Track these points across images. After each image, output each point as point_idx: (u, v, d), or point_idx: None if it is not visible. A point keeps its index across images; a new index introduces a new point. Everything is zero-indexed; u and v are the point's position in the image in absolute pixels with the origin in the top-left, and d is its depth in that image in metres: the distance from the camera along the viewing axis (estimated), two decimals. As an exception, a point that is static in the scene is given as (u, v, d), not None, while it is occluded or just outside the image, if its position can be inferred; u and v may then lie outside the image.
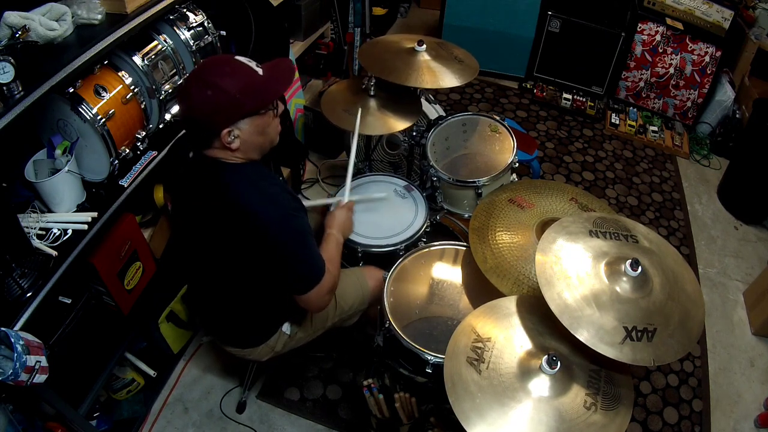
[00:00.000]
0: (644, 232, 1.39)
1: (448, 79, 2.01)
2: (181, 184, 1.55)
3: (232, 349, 1.73)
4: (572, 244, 1.33)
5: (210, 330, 1.87)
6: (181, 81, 1.77)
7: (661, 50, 3.42)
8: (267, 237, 1.36)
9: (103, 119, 1.52)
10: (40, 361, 1.26)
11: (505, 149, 2.12)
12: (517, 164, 2.05)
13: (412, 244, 1.90)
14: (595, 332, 1.17)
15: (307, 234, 1.43)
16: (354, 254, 1.91)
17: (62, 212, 1.56)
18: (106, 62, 1.58)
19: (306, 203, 1.99)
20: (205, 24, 1.85)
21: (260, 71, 1.35)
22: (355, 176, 2.15)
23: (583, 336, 1.17)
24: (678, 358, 1.20)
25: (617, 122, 3.60)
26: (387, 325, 1.59)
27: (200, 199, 1.45)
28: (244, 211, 1.35)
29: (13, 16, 1.32)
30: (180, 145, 1.84)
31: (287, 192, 1.49)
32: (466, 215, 2.04)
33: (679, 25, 3.30)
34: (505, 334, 1.31)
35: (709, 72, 3.39)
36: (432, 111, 2.50)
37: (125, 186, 1.66)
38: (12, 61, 1.20)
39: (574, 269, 1.27)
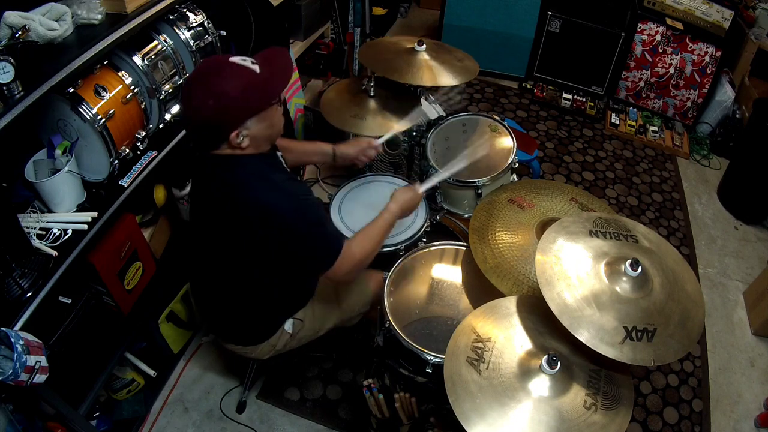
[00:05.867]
0: (644, 232, 1.39)
1: (448, 78, 2.01)
2: (196, 182, 1.55)
3: (234, 346, 1.73)
4: (572, 244, 1.33)
5: (212, 327, 1.87)
6: (182, 84, 1.75)
7: (661, 50, 3.42)
8: (284, 227, 1.37)
9: (103, 119, 1.52)
10: (40, 361, 1.26)
11: (505, 149, 2.12)
12: (517, 164, 2.05)
13: (412, 244, 1.90)
14: (595, 332, 1.17)
15: (320, 217, 1.45)
16: (354, 254, 1.91)
17: (62, 212, 1.56)
18: (106, 62, 1.58)
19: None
20: (205, 24, 1.85)
21: (257, 69, 1.33)
22: (356, 177, 2.15)
23: (583, 336, 1.17)
24: (678, 358, 1.20)
25: (617, 122, 3.60)
26: (387, 325, 1.59)
27: (211, 195, 1.46)
28: (258, 205, 1.36)
29: (13, 16, 1.32)
30: (182, 144, 1.84)
31: (294, 180, 1.50)
32: (466, 215, 2.04)
33: (679, 25, 3.30)
34: (505, 334, 1.31)
35: (709, 72, 3.39)
36: (432, 111, 2.50)
37: (125, 186, 1.66)
38: (12, 61, 1.20)
39: (574, 269, 1.27)
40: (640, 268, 1.23)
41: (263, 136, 1.39)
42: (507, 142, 2.13)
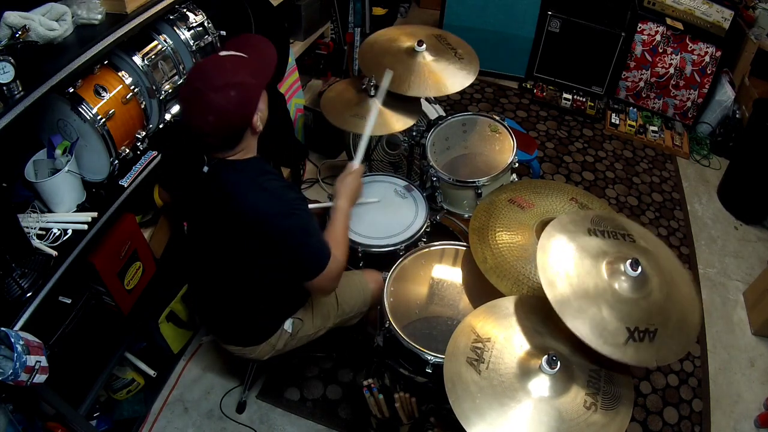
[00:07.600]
0: (640, 232, 1.39)
1: (452, 83, 2.00)
2: (196, 196, 1.55)
3: (234, 347, 1.73)
4: (571, 242, 1.33)
5: (211, 328, 1.87)
6: (184, 100, 1.53)
7: (661, 50, 3.42)
8: (271, 232, 1.39)
9: (103, 119, 1.52)
10: (40, 361, 1.26)
11: (505, 149, 2.12)
12: (517, 164, 2.05)
13: (412, 244, 1.90)
14: (598, 333, 1.17)
15: (308, 224, 1.45)
16: (354, 254, 1.91)
17: (62, 212, 1.55)
18: (106, 62, 1.58)
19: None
20: (205, 24, 1.85)
21: (243, 54, 1.40)
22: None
23: (585, 335, 1.17)
24: (679, 358, 1.20)
25: (617, 122, 3.60)
26: (387, 325, 1.59)
27: (211, 197, 1.47)
28: (246, 210, 1.38)
29: (13, 16, 1.32)
30: (182, 147, 1.84)
31: (286, 186, 1.50)
32: (466, 215, 2.04)
33: (679, 25, 3.30)
34: (505, 334, 1.31)
35: (709, 72, 3.39)
36: (432, 111, 2.50)
37: (125, 186, 1.66)
38: (12, 61, 1.20)
39: (574, 268, 1.27)
40: (640, 268, 1.23)
41: (264, 118, 1.45)
42: (507, 142, 2.13)
